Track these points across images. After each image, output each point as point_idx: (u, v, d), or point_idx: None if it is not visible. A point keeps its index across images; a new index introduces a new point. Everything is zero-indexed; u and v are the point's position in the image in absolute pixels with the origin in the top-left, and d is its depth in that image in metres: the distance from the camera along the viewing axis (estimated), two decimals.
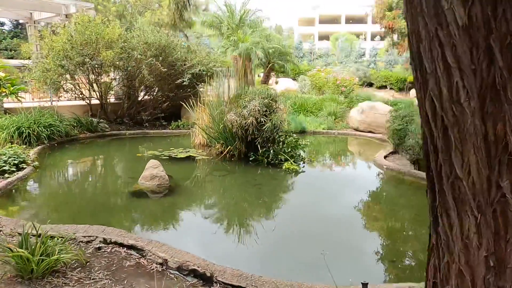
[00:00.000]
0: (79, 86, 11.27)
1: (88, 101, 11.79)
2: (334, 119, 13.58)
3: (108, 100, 12.23)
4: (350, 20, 67.57)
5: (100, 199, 6.11)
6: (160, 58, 11.17)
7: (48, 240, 3.61)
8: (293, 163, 8.15)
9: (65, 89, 10.89)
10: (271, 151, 8.37)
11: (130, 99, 12.55)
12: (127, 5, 25.48)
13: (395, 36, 20.11)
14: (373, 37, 59.86)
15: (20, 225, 4.56)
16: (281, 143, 8.62)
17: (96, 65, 10.28)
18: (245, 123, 8.31)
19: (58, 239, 3.84)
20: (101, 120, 11.62)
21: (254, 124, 8.25)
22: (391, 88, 24.06)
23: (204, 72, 12.38)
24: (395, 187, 7.25)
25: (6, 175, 6.86)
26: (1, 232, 4.47)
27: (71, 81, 10.81)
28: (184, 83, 12.02)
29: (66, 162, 8.68)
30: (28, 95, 11.67)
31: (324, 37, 60.71)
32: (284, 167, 7.91)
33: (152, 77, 11.08)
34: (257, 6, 17.38)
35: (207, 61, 12.45)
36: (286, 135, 8.83)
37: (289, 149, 8.55)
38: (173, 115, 13.51)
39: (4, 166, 7.02)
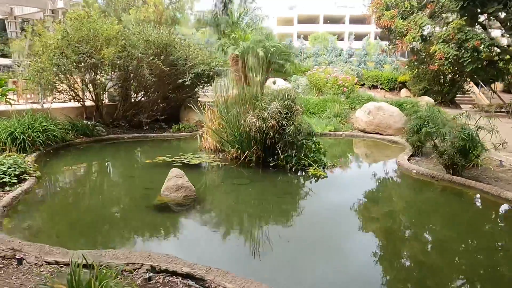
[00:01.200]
0: (74, 87, 10.41)
1: (82, 103, 10.94)
2: (339, 121, 13.23)
3: (103, 102, 11.40)
4: (327, 20, 68.13)
5: (123, 215, 5.44)
6: (162, 57, 10.47)
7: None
8: (317, 168, 7.69)
9: (59, 90, 10.00)
10: (294, 156, 7.89)
11: (127, 101, 11.75)
12: (110, 2, 24.39)
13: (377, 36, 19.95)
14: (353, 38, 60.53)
15: (46, 251, 3.88)
16: (302, 148, 8.13)
17: (95, 64, 9.47)
18: (265, 126, 7.79)
19: (105, 270, 3.20)
20: (97, 123, 10.80)
21: (275, 127, 7.74)
22: (381, 88, 24.06)
23: (206, 72, 11.76)
24: (435, 194, 6.85)
25: (7, 187, 6.09)
26: (25, 261, 3.78)
27: (65, 82, 9.92)
28: (186, 83, 11.35)
29: (69, 171, 7.89)
30: (13, 97, 10.72)
31: (303, 37, 60.82)
32: (310, 173, 7.42)
33: (153, 77, 10.35)
34: (254, 4, 16.70)
35: (209, 61, 11.81)
36: (306, 139, 8.33)
37: (312, 154, 8.08)
38: (172, 117, 12.81)
39: (4, 177, 6.23)
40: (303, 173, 7.61)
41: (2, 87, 9.27)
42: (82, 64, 9.47)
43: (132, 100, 12.17)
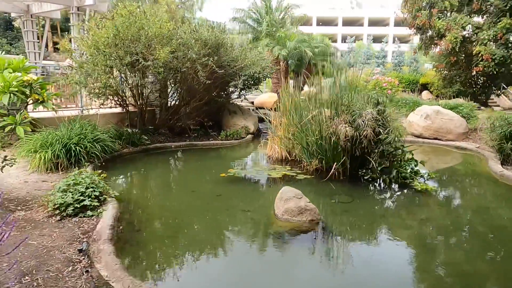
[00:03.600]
0: (121, 91, 9.37)
1: (127, 109, 9.90)
2: None
3: (146, 108, 10.37)
4: (320, 22, 68.09)
5: (254, 251, 4.42)
6: (215, 58, 9.51)
7: None
8: (421, 182, 6.89)
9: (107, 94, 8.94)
10: (393, 168, 7.05)
11: (170, 106, 10.77)
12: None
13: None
14: (343, 39, 60.52)
15: None
16: (398, 158, 7.31)
17: (150, 66, 8.46)
18: (359, 134, 6.96)
19: None
20: (144, 131, 9.80)
21: (371, 136, 6.90)
22: (403, 91, 23.48)
23: (256, 75, 10.87)
24: None
25: (89, 212, 5.10)
26: None
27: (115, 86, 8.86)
28: (238, 86, 10.43)
29: (141, 188, 6.90)
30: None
31: None
32: (419, 188, 6.59)
33: (206, 79, 9.38)
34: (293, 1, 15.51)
35: (259, 62, 10.91)
36: (396, 148, 7.51)
37: (408, 165, 7.26)
38: (215, 123, 11.87)
39: (83, 200, 5.23)
40: (407, 187, 6.78)
41: (46, 91, 8.10)
42: (138, 66, 8.45)
43: (171, 104, 11.19)
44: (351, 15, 69.63)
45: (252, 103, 15.37)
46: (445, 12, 15.80)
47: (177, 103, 10.90)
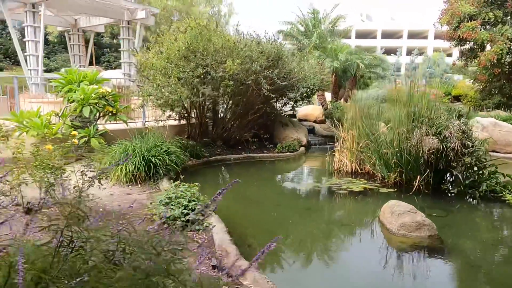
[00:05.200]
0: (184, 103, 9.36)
1: (188, 121, 9.88)
2: None
3: (206, 120, 10.35)
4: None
5: (390, 269, 4.26)
6: (277, 70, 9.48)
7: None
8: None
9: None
10: (481, 181, 6.86)
11: (226, 118, 10.74)
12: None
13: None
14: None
15: None
16: (483, 171, 7.11)
17: (220, 78, 8.44)
18: (447, 147, 6.81)
19: None
20: (206, 143, 9.77)
21: (458, 148, 6.75)
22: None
23: (312, 86, 10.82)
24: None
25: (196, 226, 4.97)
26: None
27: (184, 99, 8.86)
28: (296, 98, 10.38)
29: (224, 201, 6.79)
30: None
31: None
32: None
33: (269, 92, 9.34)
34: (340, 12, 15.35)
35: (316, 74, 10.87)
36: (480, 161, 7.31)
37: (495, 178, 7.06)
38: (269, 136, 11.78)
39: (188, 213, 5.13)
40: (498, 201, 6.57)
41: (118, 104, 8.10)
42: (207, 78, 8.46)
43: (224, 116, 11.16)
44: (364, 27, 69.77)
45: (294, 115, 15.26)
46: (488, 24, 15.68)
47: (233, 115, 10.86)
